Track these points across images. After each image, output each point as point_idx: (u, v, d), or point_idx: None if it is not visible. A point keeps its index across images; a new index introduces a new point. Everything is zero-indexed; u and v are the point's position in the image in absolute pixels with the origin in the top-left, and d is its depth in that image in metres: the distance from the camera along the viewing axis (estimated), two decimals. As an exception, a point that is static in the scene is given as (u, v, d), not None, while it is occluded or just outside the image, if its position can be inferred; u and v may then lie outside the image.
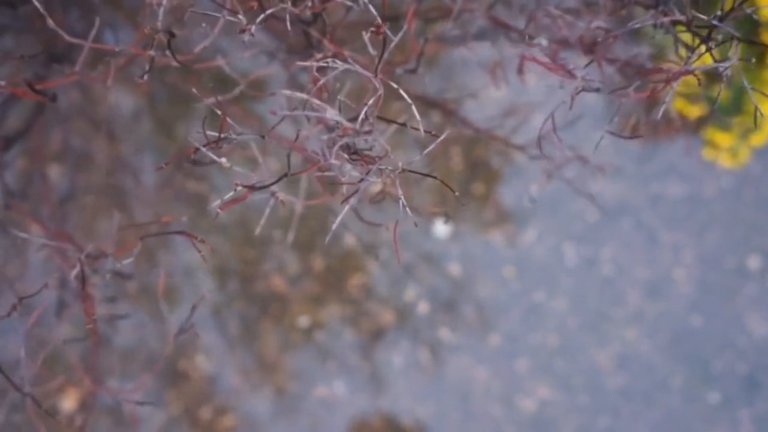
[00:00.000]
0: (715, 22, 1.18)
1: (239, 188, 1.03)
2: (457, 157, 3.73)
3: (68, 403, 3.28)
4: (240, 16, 1.09)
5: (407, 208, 1.95)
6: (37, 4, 1.06)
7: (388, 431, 3.66)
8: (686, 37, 1.31)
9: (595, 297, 3.71)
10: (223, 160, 1.02)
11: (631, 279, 3.71)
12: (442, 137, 1.12)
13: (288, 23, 1.11)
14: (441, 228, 3.60)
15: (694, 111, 3.13)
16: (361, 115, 1.01)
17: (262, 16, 1.09)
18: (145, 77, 1.08)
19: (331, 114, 0.98)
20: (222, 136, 1.00)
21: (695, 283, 3.71)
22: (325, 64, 1.04)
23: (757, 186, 3.72)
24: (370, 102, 1.02)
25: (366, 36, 1.17)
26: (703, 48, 1.22)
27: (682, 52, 1.35)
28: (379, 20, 1.04)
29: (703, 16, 1.21)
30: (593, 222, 3.72)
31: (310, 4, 1.15)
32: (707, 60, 1.31)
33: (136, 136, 3.64)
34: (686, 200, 3.73)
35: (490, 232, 3.74)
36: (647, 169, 3.72)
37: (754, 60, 1.24)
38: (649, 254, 3.72)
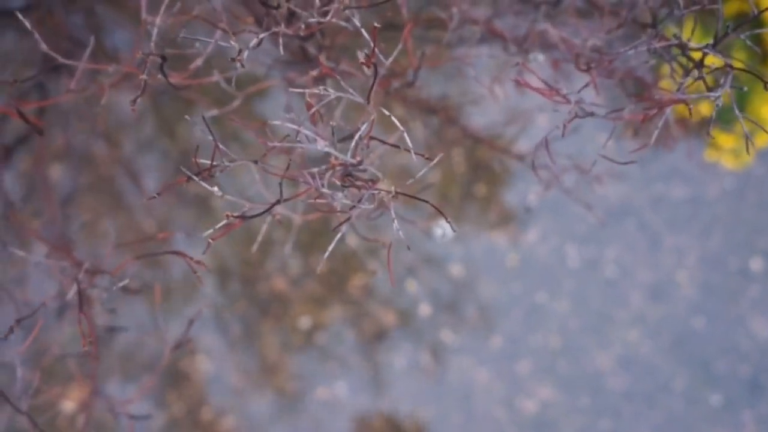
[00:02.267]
0: (707, 50, 1.17)
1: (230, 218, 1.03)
2: (459, 158, 3.72)
3: (69, 403, 3.29)
4: (233, 42, 1.09)
5: (409, 220, 1.94)
6: (27, 25, 1.07)
7: (390, 432, 3.66)
8: (682, 59, 1.30)
9: (598, 298, 3.70)
10: (215, 189, 1.02)
11: (633, 280, 3.70)
12: (436, 160, 1.12)
13: (281, 46, 1.10)
14: (441, 232, 3.60)
15: (697, 114, 3.11)
16: (353, 143, 1.01)
17: (254, 42, 1.09)
18: (138, 101, 1.08)
19: (322, 145, 0.98)
20: (214, 164, 1.00)
21: (698, 285, 3.70)
22: (317, 92, 1.04)
23: (760, 187, 3.70)
24: (362, 128, 1.02)
25: (361, 57, 1.16)
26: (697, 72, 1.21)
27: (677, 74, 1.34)
28: (369, 49, 1.04)
29: (694, 45, 1.20)
30: (596, 223, 3.71)
31: (303, 26, 1.14)
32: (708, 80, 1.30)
33: (139, 136, 3.64)
34: (689, 202, 3.72)
35: (492, 233, 3.74)
36: (650, 170, 3.71)
37: (745, 88, 1.23)
38: (652, 256, 3.71)
